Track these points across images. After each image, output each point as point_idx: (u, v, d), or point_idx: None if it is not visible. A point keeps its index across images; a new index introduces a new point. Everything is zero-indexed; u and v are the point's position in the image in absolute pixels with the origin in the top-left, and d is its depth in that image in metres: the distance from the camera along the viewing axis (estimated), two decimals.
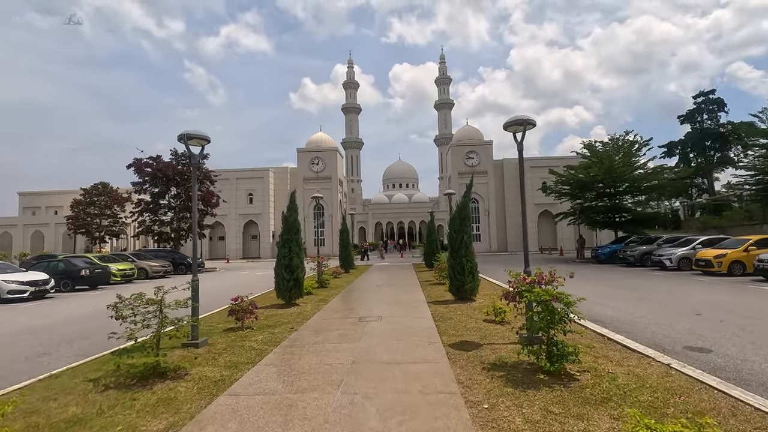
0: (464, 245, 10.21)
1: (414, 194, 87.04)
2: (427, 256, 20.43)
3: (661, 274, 16.64)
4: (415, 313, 8.95)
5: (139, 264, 21.42)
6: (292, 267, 10.18)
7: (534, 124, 6.37)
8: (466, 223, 10.35)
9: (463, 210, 10.40)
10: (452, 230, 10.45)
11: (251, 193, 44.88)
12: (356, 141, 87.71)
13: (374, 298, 11.35)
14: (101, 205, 33.38)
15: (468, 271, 10.10)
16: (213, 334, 7.60)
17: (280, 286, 10.24)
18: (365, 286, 14.96)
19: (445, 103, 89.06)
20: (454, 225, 10.41)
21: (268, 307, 10.31)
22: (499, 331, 7.02)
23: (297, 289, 10.30)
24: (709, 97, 55.85)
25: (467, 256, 10.18)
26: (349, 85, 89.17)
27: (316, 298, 11.72)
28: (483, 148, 43.11)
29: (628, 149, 25.56)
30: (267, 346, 6.48)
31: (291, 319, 8.76)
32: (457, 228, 10.32)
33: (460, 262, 10.11)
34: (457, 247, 10.22)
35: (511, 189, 43.34)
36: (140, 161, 26.13)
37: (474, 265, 10.26)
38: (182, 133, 6.56)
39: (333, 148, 46.46)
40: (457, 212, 10.42)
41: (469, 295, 10.21)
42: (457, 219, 10.37)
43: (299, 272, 10.29)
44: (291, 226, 10.41)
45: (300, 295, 10.53)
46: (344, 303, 10.75)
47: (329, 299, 11.52)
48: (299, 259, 10.38)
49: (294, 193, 10.58)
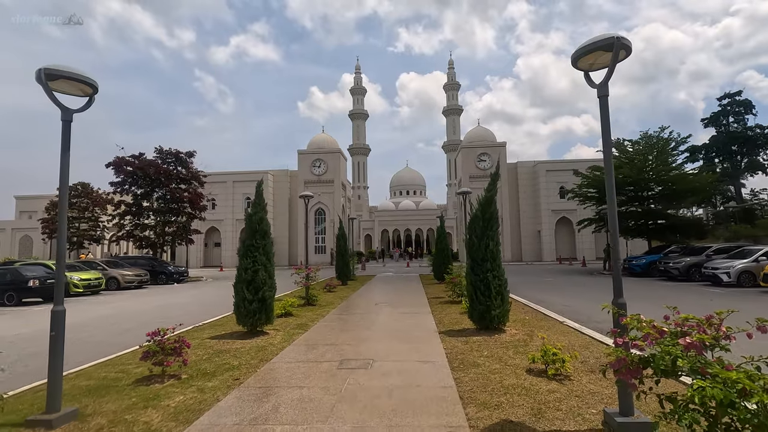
0: (490, 255, 7.50)
1: (421, 201, 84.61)
2: (437, 267, 17.70)
3: (722, 292, 13.71)
4: (423, 352, 6.24)
5: (109, 273, 18.96)
6: (257, 283, 7.55)
7: (629, 48, 3.72)
8: (493, 226, 7.66)
9: (488, 208, 7.71)
10: (472, 235, 7.76)
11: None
12: (363, 147, 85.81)
13: (369, 325, 8.64)
14: (80, 208, 31.13)
15: (495, 292, 7.38)
16: (109, 390, 4.95)
17: (240, 310, 7.60)
18: (362, 304, 12.27)
19: (454, 108, 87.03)
20: (475, 228, 7.72)
21: (223, 337, 7.68)
22: (560, 397, 4.31)
23: (264, 313, 7.65)
24: (735, 98, 52.59)
25: (494, 270, 7.47)
26: (356, 91, 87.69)
27: (294, 323, 9.06)
28: (495, 150, 40.32)
29: (662, 147, 22.69)
30: (175, 424, 3.83)
31: (245, 359, 6.11)
32: (480, 232, 7.63)
33: (485, 279, 7.39)
34: (480, 258, 7.52)
35: (525, 194, 40.44)
36: (121, 159, 23.83)
37: (503, 283, 7.54)
38: (41, 68, 3.97)
39: (336, 150, 44.03)
40: (479, 211, 7.73)
41: (496, 324, 7.47)
42: (479, 220, 7.68)
43: (266, 291, 7.64)
44: (256, 229, 7.79)
45: (269, 321, 7.87)
46: (328, 332, 8.06)
47: (310, 324, 8.84)
48: (267, 272, 7.75)
49: (261, 185, 7.99)
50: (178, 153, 25.51)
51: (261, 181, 8.02)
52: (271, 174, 43.13)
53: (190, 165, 26.09)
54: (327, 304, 12.17)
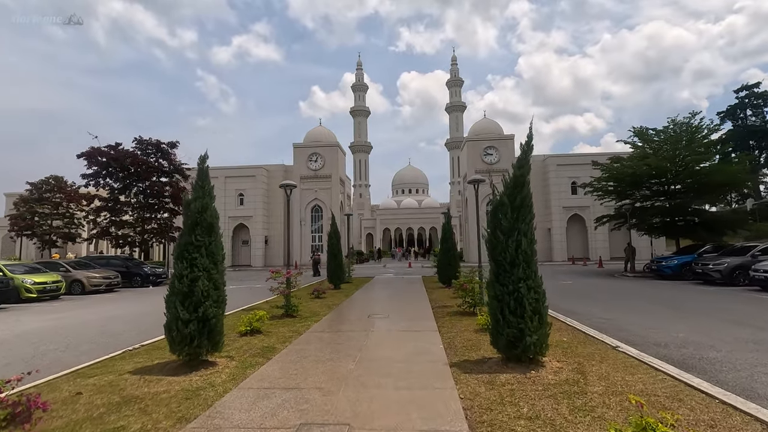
0: (523, 258, 5.32)
1: (424, 200, 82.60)
2: (442, 269, 15.50)
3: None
4: (429, 407, 4.05)
5: (73, 275, 16.86)
6: (196, 297, 5.39)
7: None
8: (526, 216, 5.48)
9: (519, 191, 5.53)
10: (496, 230, 5.59)
11: (242, 193, 40.37)
12: (365, 144, 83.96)
13: (356, 351, 6.45)
14: (53, 203, 28.92)
15: (532, 310, 5.20)
16: None
17: (172, 333, 5.45)
18: (352, 316, 10.11)
19: (457, 105, 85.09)
20: (500, 220, 5.55)
21: (150, 371, 5.53)
22: None
23: (206, 337, 5.49)
24: (754, 90, 50.03)
25: (529, 278, 5.30)
26: (357, 88, 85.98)
27: (259, 345, 6.90)
28: (503, 143, 37.98)
29: (692, 135, 20.39)
30: None
31: (154, 419, 3.94)
32: (508, 226, 5.45)
33: (516, 291, 5.22)
34: (508, 262, 5.34)
35: (535, 190, 37.64)
36: (95, 150, 21.68)
37: (541, 297, 5.37)
38: None
39: (333, 143, 41.79)
40: (506, 196, 5.56)
41: (532, 354, 5.27)
42: (506, 208, 5.50)
43: (210, 307, 5.48)
44: (197, 221, 5.63)
45: (215, 347, 5.70)
46: (297, 363, 5.88)
47: (279, 348, 6.68)
48: (212, 281, 5.59)
49: (204, 160, 5.81)
50: (159, 143, 23.38)
51: (204, 157, 5.84)
52: (265, 169, 40.97)
53: (172, 157, 23.95)
54: (310, 315, 10.01)
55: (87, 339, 8.50)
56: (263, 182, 40.38)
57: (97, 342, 8.19)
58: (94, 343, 8.12)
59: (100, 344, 7.93)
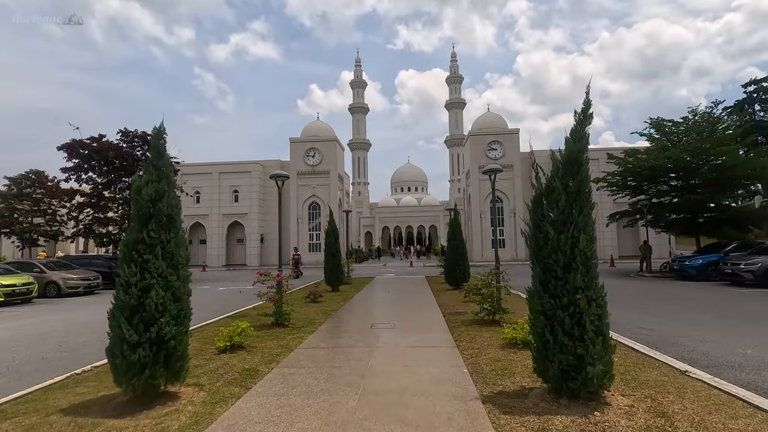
0: (581, 260, 4.02)
1: (423, 198, 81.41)
2: (450, 270, 14.18)
3: None
4: None
5: (48, 276, 15.50)
6: (148, 310, 4.08)
7: None
8: (584, 206, 4.18)
9: (576, 171, 4.24)
10: (542, 223, 4.30)
11: (236, 189, 38.97)
12: (363, 142, 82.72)
13: (357, 380, 5.13)
14: (34, 199, 27.39)
15: (594, 330, 3.90)
16: None
17: (115, 359, 4.12)
18: (352, 325, 8.82)
19: (457, 102, 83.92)
20: (550, 209, 4.25)
21: (88, 409, 4.21)
22: None
23: (163, 364, 4.18)
24: (762, 85, 48.85)
25: (590, 287, 4.00)
26: (356, 84, 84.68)
27: (238, 367, 5.58)
28: (507, 138, 36.65)
29: (713, 127, 19.11)
30: None
31: None
32: (561, 218, 4.16)
33: (572, 305, 3.93)
34: (561, 266, 4.04)
35: None
36: (76, 142, 20.26)
37: (605, 312, 4.06)
38: None
39: (332, 138, 40.39)
40: (558, 178, 4.26)
41: (594, 389, 3.95)
42: (559, 195, 4.21)
43: (166, 324, 4.16)
44: (149, 212, 4.30)
45: (177, 376, 4.38)
46: (281, 399, 4.56)
47: (262, 372, 5.37)
48: (171, 290, 4.27)
49: (161, 133, 4.49)
50: (146, 135, 21.93)
51: (160, 129, 4.52)
52: (261, 164, 39.55)
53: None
54: (304, 324, 8.70)
55: (39, 354, 7.18)
56: (259, 178, 38.97)
57: (49, 359, 6.87)
58: (46, 360, 6.81)
59: (51, 363, 6.62)
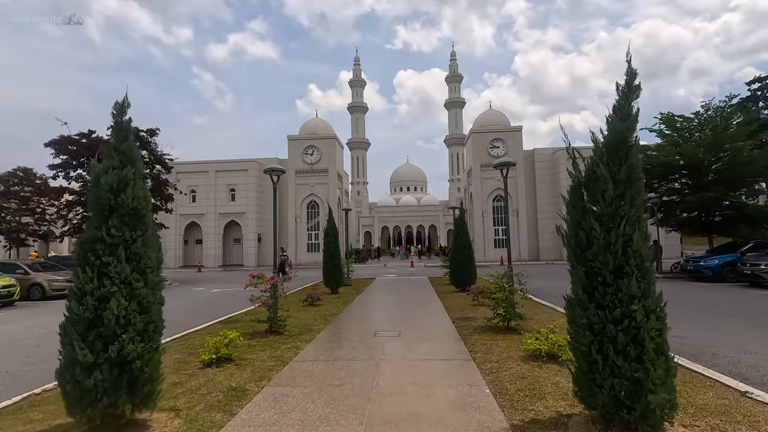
0: (635, 262, 3.29)
1: (423, 197, 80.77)
2: (456, 271, 13.44)
3: None
4: None
5: (32, 278, 14.73)
6: (107, 325, 3.36)
7: None
8: (636, 195, 3.44)
9: (625, 155, 3.51)
10: (586, 218, 3.55)
11: (233, 188, 38.17)
12: (363, 141, 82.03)
13: (362, 402, 4.39)
14: (22, 197, 26.52)
15: (654, 348, 3.17)
16: None
17: (66, 384, 3.38)
18: (353, 333, 8.09)
19: (456, 101, 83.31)
20: (594, 203, 3.52)
21: None
22: None
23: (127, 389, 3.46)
24: (767, 82, 48.20)
25: (647, 296, 3.27)
26: (355, 83, 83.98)
27: (224, 385, 4.85)
28: (510, 136, 35.93)
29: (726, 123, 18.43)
30: None
31: None
32: (609, 211, 3.42)
33: (625, 318, 3.20)
34: (611, 269, 3.31)
35: (544, 185, 36.01)
36: (65, 138, 19.48)
37: (664, 326, 3.33)
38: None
39: (331, 136, 39.60)
40: (602, 163, 3.53)
41: (655, 421, 3.21)
42: (606, 184, 3.47)
43: (130, 340, 3.43)
44: (108, 204, 3.56)
45: (146, 401, 3.64)
46: (271, 429, 3.82)
47: (251, 392, 4.65)
48: (136, 299, 3.53)
49: (124, 108, 3.74)
50: (138, 131, 21.21)
51: (123, 103, 3.76)
52: (258, 162, 38.72)
53: (152, 146, 21.77)
54: (301, 331, 7.96)
55: (3, 367, 6.43)
56: (256, 177, 38.17)
57: (13, 374, 6.13)
58: (9, 375, 6.06)
59: (15, 378, 5.88)
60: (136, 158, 3.76)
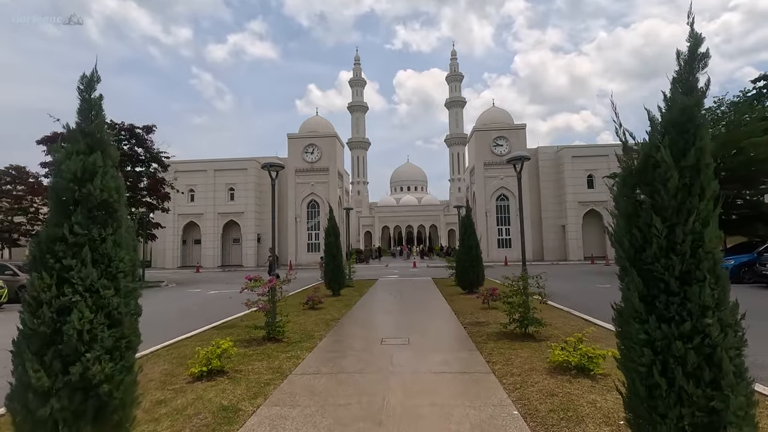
0: (707, 265, 2.69)
1: (423, 197, 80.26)
2: (463, 272, 12.84)
3: None
4: None
5: (21, 280, 14.15)
6: (68, 341, 2.76)
7: None
8: (707, 185, 2.84)
9: (692, 136, 2.90)
10: (642, 212, 2.96)
11: (232, 187, 37.59)
12: (363, 141, 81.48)
13: (372, 427, 3.82)
14: (14, 196, 25.90)
15: (735, 370, 2.58)
16: None
17: (16, 414, 2.78)
18: (358, 340, 7.51)
19: (457, 101, 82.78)
20: (652, 196, 2.93)
21: None
22: None
23: (92, 420, 2.86)
24: None
25: (722, 306, 2.67)
26: (355, 83, 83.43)
27: (211, 408, 4.28)
28: (514, 134, 35.33)
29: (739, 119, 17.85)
30: None
31: None
32: (674, 203, 2.82)
33: (696, 334, 2.60)
34: (677, 275, 2.71)
35: (547, 184, 35.42)
36: (57, 135, 18.91)
37: (742, 344, 2.74)
38: None
39: (331, 134, 39.03)
40: (664, 145, 2.93)
41: None
42: (667, 171, 2.86)
43: (96, 360, 2.84)
44: (75, 197, 2.97)
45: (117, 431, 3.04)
46: None
47: (244, 413, 4.08)
48: (104, 310, 2.95)
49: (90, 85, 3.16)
50: (133, 128, 20.61)
51: (92, 77, 3.18)
52: (257, 161, 38.09)
53: (148, 143, 21.19)
54: (301, 338, 7.39)
55: None
56: (255, 176, 37.59)
57: None
58: None
59: None
60: (106, 142, 3.18)
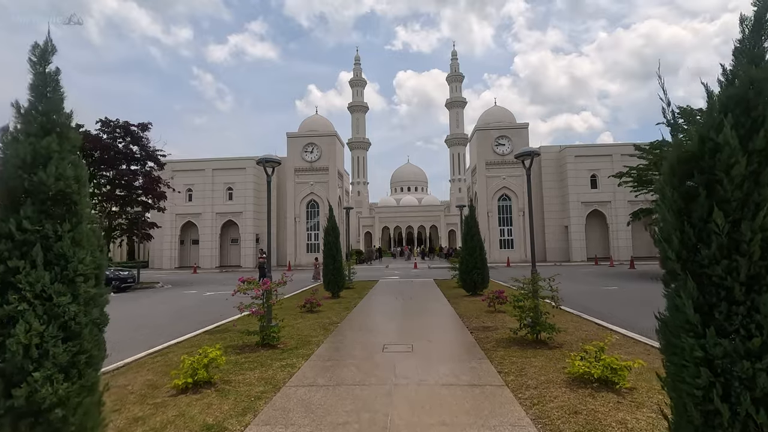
0: None
1: (424, 197, 79.82)
2: (467, 273, 12.38)
3: None
4: None
5: None
6: (11, 359, 2.28)
7: None
8: None
9: (759, 118, 2.43)
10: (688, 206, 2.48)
11: (231, 187, 37.14)
12: (363, 141, 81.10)
13: None
14: None
15: None
16: None
17: None
18: (357, 348, 7.05)
19: (457, 101, 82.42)
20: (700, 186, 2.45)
21: None
22: None
23: None
24: None
25: None
26: (355, 83, 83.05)
27: (194, 428, 3.79)
28: (516, 133, 34.91)
29: None
30: None
31: None
32: (739, 195, 2.32)
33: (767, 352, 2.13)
34: (742, 280, 2.21)
35: (550, 184, 34.99)
36: None
37: None
38: None
39: (331, 133, 38.59)
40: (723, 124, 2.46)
41: None
42: (729, 156, 2.38)
43: (47, 380, 2.36)
44: (22, 188, 2.50)
45: None
46: None
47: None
48: (58, 320, 2.47)
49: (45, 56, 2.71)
50: (129, 126, 20.20)
51: (45, 48, 2.72)
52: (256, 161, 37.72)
53: (144, 141, 20.76)
54: (298, 344, 6.93)
55: None
56: (254, 175, 37.15)
57: None
58: None
59: None
60: (63, 124, 2.72)
